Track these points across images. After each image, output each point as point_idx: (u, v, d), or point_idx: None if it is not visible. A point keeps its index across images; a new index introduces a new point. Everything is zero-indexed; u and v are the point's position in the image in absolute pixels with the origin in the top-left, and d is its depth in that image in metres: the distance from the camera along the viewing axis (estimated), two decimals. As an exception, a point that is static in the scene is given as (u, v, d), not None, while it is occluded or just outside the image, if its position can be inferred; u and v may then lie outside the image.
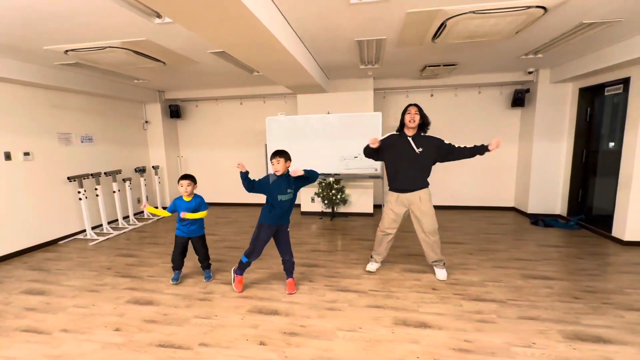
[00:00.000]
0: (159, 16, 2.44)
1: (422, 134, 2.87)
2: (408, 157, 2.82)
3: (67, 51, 3.17)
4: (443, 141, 2.83)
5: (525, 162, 5.15)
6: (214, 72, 4.39)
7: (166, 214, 2.98)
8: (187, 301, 2.66)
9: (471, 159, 2.89)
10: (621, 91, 3.91)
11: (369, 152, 2.96)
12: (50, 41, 2.95)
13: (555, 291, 2.71)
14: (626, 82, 3.76)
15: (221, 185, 6.36)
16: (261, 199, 2.66)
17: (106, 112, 5.11)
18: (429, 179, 2.93)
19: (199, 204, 2.90)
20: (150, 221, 5.32)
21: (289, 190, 2.60)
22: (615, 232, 3.86)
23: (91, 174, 4.59)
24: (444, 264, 2.99)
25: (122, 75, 4.49)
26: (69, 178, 4.32)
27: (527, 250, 3.68)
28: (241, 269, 2.81)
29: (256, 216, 2.82)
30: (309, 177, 2.57)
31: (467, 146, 2.80)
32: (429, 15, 2.47)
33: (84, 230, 4.58)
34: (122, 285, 2.97)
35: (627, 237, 3.72)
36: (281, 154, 2.58)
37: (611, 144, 4.20)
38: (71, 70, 4.07)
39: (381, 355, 1.97)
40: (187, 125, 6.42)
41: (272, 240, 2.73)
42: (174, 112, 6.03)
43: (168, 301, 2.67)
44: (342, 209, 5.43)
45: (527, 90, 4.99)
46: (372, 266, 3.15)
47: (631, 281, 2.86)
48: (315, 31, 2.86)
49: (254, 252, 2.70)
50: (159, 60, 3.58)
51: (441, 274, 2.96)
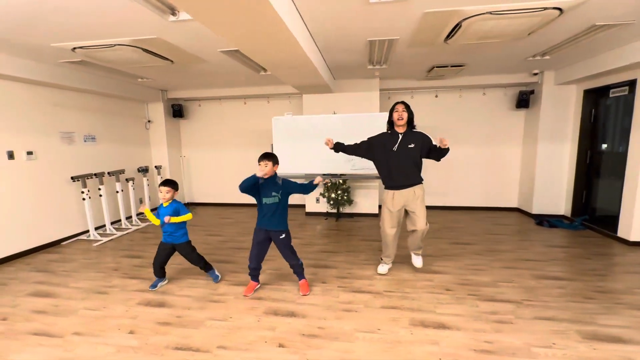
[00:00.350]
0: (173, 13, 2.41)
1: (412, 130, 2.91)
2: (400, 153, 2.86)
3: (74, 48, 3.11)
4: (431, 140, 2.88)
5: (529, 163, 5.19)
6: (220, 72, 4.35)
7: (157, 222, 2.83)
8: (199, 303, 2.63)
9: (476, 158, 2.91)
10: (627, 93, 3.96)
11: (352, 150, 3.06)
12: (58, 38, 2.89)
13: (567, 291, 2.73)
14: (632, 84, 3.80)
15: (223, 186, 6.31)
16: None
17: (109, 111, 5.03)
18: (422, 176, 2.98)
19: (175, 210, 2.79)
20: (153, 222, 5.25)
21: (273, 194, 2.58)
22: (621, 233, 3.90)
23: (94, 174, 4.51)
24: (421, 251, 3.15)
25: (127, 73, 4.43)
26: (72, 178, 4.25)
27: (534, 251, 3.70)
28: (249, 274, 2.79)
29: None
30: (302, 190, 2.64)
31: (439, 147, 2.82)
32: (446, 15, 2.47)
33: (87, 231, 4.51)
34: (132, 287, 2.92)
35: (632, 238, 3.76)
36: (269, 157, 2.55)
37: (615, 146, 4.24)
38: (75, 68, 4.00)
39: (402, 357, 1.95)
40: (189, 125, 6.36)
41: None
42: (177, 111, 5.97)
43: (180, 303, 2.63)
44: (347, 209, 5.42)
45: (532, 92, 5.03)
46: (383, 268, 3.14)
47: (640, 281, 2.89)
48: (329, 30, 2.84)
49: (250, 255, 2.72)
50: (167, 59, 3.53)
51: (418, 261, 3.11)
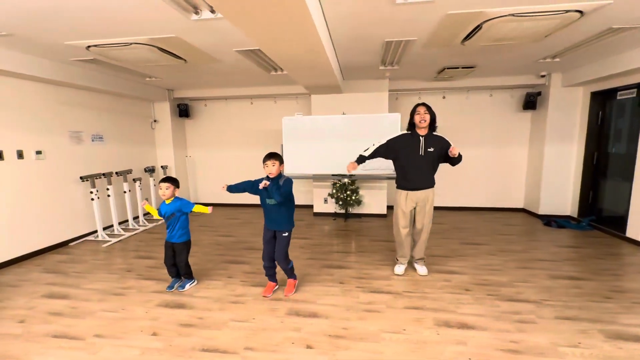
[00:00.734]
0: (196, 12, 2.39)
1: (433, 133, 2.90)
2: (421, 156, 2.86)
3: (89, 47, 3.07)
4: (450, 144, 2.84)
5: (536, 164, 5.24)
6: (230, 71, 4.33)
7: (156, 213, 2.86)
8: (219, 304, 2.60)
9: (482, 159, 2.92)
10: (634, 95, 4.01)
11: (372, 157, 3.01)
12: (73, 36, 2.86)
13: (585, 291, 2.75)
14: (640, 86, 3.86)
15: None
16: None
17: (115, 110, 4.98)
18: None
19: (178, 207, 2.76)
20: (160, 222, 5.20)
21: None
22: (630, 233, 3.95)
23: (103, 174, 4.46)
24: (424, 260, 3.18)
25: (135, 72, 4.38)
26: (81, 178, 4.20)
27: (546, 251, 3.73)
28: (265, 274, 2.78)
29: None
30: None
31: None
32: (468, 17, 2.48)
33: (94, 232, 4.45)
34: (148, 289, 2.89)
35: (642, 238, 3.81)
36: (276, 156, 2.54)
37: (622, 147, 4.30)
38: (84, 66, 3.95)
39: (432, 357, 1.95)
40: (195, 125, 6.32)
41: (292, 243, 2.74)
42: (183, 111, 5.93)
43: (200, 304, 2.60)
44: (355, 209, 5.42)
45: (539, 94, 5.08)
46: (400, 269, 3.14)
47: (655, 281, 2.93)
48: (348, 30, 2.83)
49: (262, 253, 2.73)
50: (181, 58, 3.50)
51: (423, 269, 3.11)
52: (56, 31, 2.74)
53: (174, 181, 2.80)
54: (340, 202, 5.20)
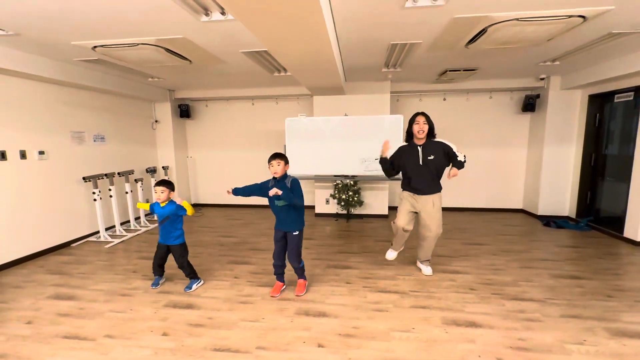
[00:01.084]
0: (206, 14, 2.40)
1: (432, 139, 2.89)
2: (420, 166, 2.88)
3: (95, 47, 3.06)
4: (452, 148, 2.85)
5: (535, 165, 5.31)
6: (233, 72, 4.34)
7: (146, 208, 2.92)
8: (228, 304, 2.61)
9: (482, 160, 2.95)
10: (632, 98, 4.10)
11: (386, 168, 3.03)
12: (80, 36, 2.85)
13: (587, 290, 2.80)
14: (638, 90, 3.94)
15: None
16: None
17: (117, 110, 4.96)
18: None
19: (173, 210, 2.76)
20: (161, 223, 5.18)
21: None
22: (627, 233, 4.03)
23: (105, 174, 4.44)
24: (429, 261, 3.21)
25: (138, 72, 4.37)
26: (84, 178, 4.17)
27: (547, 251, 3.79)
28: (274, 272, 2.79)
29: (267, 217, 2.84)
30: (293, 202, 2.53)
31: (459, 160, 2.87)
32: (474, 20, 2.53)
33: (96, 232, 4.42)
34: (155, 289, 2.88)
35: (640, 238, 3.89)
36: (281, 156, 2.55)
37: (619, 149, 4.38)
38: (87, 66, 3.94)
39: (443, 355, 1.98)
40: (196, 126, 6.31)
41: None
42: (184, 111, 5.92)
43: (208, 305, 2.61)
44: (357, 210, 5.44)
45: (538, 96, 5.16)
46: (391, 254, 3.24)
47: (655, 280, 3.00)
48: (355, 32, 2.85)
49: (273, 252, 2.74)
50: (186, 59, 3.51)
51: (428, 270, 3.14)
52: (63, 31, 2.74)
53: (169, 184, 2.80)
54: (342, 203, 5.23)
